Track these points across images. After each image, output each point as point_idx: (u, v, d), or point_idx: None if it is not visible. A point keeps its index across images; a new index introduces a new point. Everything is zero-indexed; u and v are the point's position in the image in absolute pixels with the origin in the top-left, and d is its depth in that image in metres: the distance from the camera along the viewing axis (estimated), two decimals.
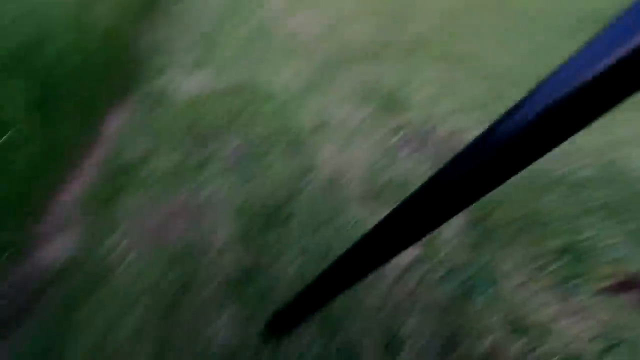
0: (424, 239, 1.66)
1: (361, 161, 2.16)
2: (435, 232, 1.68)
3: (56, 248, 1.66)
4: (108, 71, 2.55)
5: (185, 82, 2.74)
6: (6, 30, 2.00)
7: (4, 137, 1.55)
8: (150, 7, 4.19)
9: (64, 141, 2.02)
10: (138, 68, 2.93)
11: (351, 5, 4.51)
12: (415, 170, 2.11)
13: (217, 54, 3.15)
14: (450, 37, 3.77)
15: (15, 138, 1.70)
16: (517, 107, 0.34)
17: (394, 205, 0.67)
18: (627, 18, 0.24)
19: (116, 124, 2.33)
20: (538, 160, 0.46)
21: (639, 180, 2.02)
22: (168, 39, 3.48)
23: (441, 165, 0.52)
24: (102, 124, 2.31)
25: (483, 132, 0.41)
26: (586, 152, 2.18)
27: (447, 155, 2.22)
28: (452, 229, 1.72)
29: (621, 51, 0.23)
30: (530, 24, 4.25)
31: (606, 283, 1.52)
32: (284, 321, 1.21)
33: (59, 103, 1.98)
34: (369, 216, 1.81)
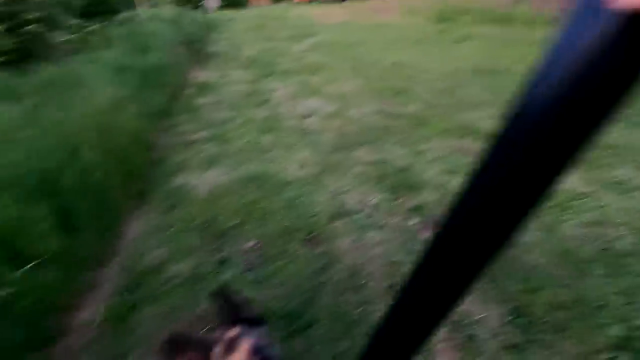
0: (460, 341, 1.52)
1: (382, 249, 2.09)
2: (471, 331, 1.54)
3: None
4: (129, 177, 2.68)
5: (200, 180, 2.84)
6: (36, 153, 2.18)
7: (31, 263, 1.57)
8: (172, 103, 4.58)
9: (86, 253, 2.04)
10: (156, 169, 3.08)
11: (354, 88, 4.83)
12: None
13: (230, 149, 3.32)
14: (448, 111, 3.93)
15: (42, 258, 1.74)
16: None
17: None
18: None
19: (135, 229, 2.37)
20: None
21: None
22: (185, 136, 3.71)
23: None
24: (121, 230, 2.35)
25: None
26: (619, 220, 2.09)
27: None
28: (490, 325, 1.58)
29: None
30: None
31: None
32: None
33: (80, 219, 2.05)
34: None
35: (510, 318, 1.60)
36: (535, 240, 1.99)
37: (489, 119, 3.74)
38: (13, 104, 3.08)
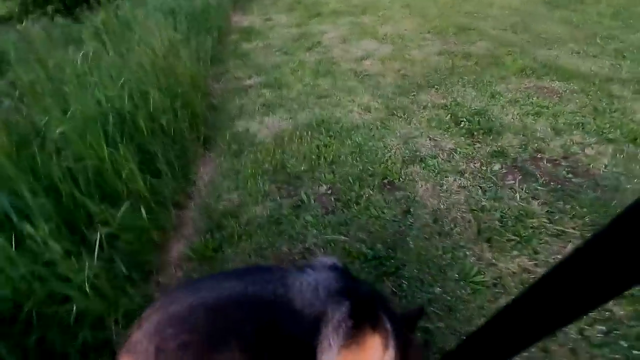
0: None
1: (464, 195, 1.97)
2: None
3: None
4: (194, 121, 2.66)
5: (262, 126, 2.77)
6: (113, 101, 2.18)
7: (125, 204, 1.61)
8: (221, 49, 4.45)
9: (168, 195, 2.08)
10: (217, 114, 3.04)
11: (410, 28, 4.42)
12: (529, 204, 1.88)
13: (287, 94, 3.19)
14: (523, 48, 3.51)
15: (131, 199, 1.79)
16: None
17: (517, 248, 0.53)
18: None
19: (207, 172, 2.39)
20: None
21: None
22: (239, 82, 3.60)
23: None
24: (195, 173, 2.37)
25: None
26: None
27: (564, 184, 1.97)
28: None
29: None
30: (626, 23, 3.85)
31: None
32: None
33: (158, 162, 2.07)
34: (490, 262, 1.61)
35: None
36: None
37: (570, 55, 3.31)
38: (74, 50, 3.08)
